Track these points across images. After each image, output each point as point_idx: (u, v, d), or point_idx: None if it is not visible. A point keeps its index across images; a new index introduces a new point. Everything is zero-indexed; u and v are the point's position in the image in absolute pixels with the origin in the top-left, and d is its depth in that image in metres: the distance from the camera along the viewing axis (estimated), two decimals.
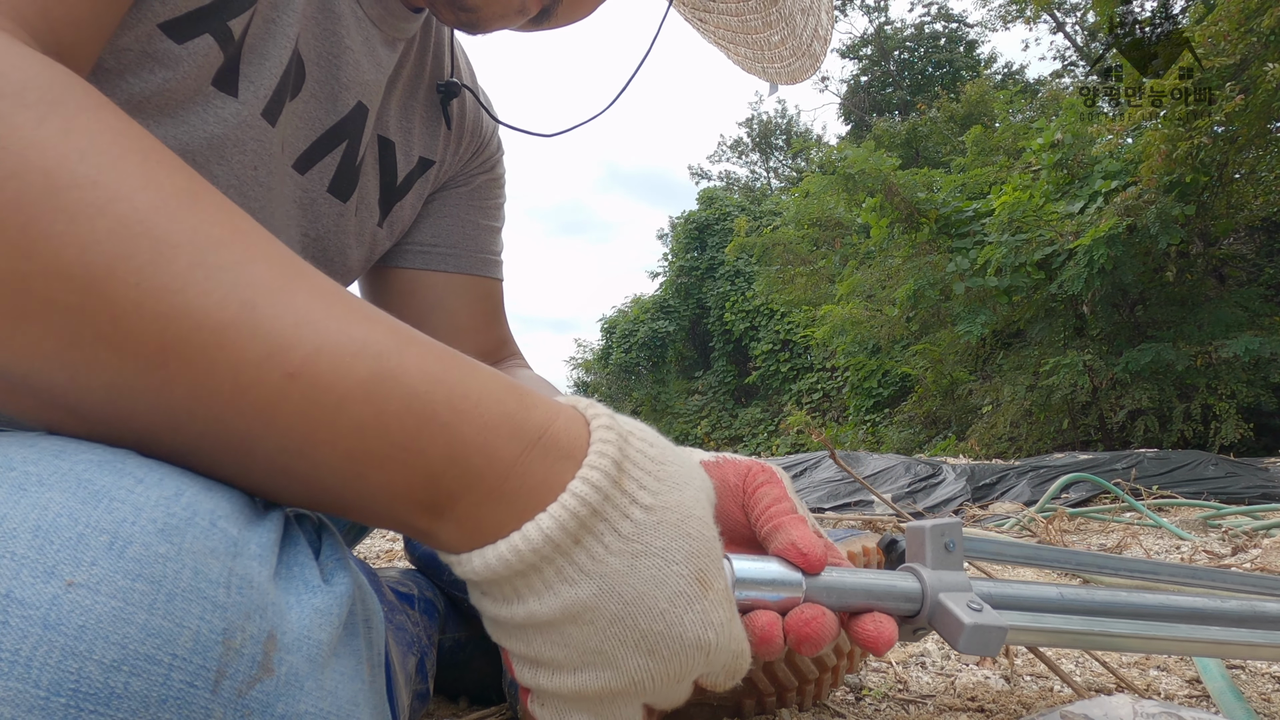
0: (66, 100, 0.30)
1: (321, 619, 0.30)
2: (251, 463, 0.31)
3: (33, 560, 0.24)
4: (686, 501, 0.36)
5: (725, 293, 18.54)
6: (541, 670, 0.35)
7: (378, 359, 0.31)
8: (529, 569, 0.33)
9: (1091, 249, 7.11)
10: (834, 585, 0.43)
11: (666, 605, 0.34)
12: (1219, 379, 7.30)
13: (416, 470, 0.31)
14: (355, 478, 0.31)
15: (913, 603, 0.44)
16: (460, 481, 0.32)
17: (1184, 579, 0.60)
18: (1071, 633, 0.47)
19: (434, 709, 0.77)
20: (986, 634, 0.42)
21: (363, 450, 0.30)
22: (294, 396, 0.29)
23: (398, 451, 0.31)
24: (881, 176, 8.89)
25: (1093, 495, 2.74)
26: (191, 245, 0.29)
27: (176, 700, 0.25)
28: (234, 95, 0.51)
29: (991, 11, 22.78)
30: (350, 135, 0.62)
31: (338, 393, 0.30)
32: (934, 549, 0.46)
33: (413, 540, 0.83)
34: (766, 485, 0.47)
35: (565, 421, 0.35)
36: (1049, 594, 0.48)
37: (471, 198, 0.81)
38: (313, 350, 0.30)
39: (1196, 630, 0.50)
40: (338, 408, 0.30)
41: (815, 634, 0.41)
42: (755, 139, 26.84)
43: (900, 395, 12.22)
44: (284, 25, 0.53)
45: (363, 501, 0.32)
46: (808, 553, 0.42)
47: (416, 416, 0.31)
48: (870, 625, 0.43)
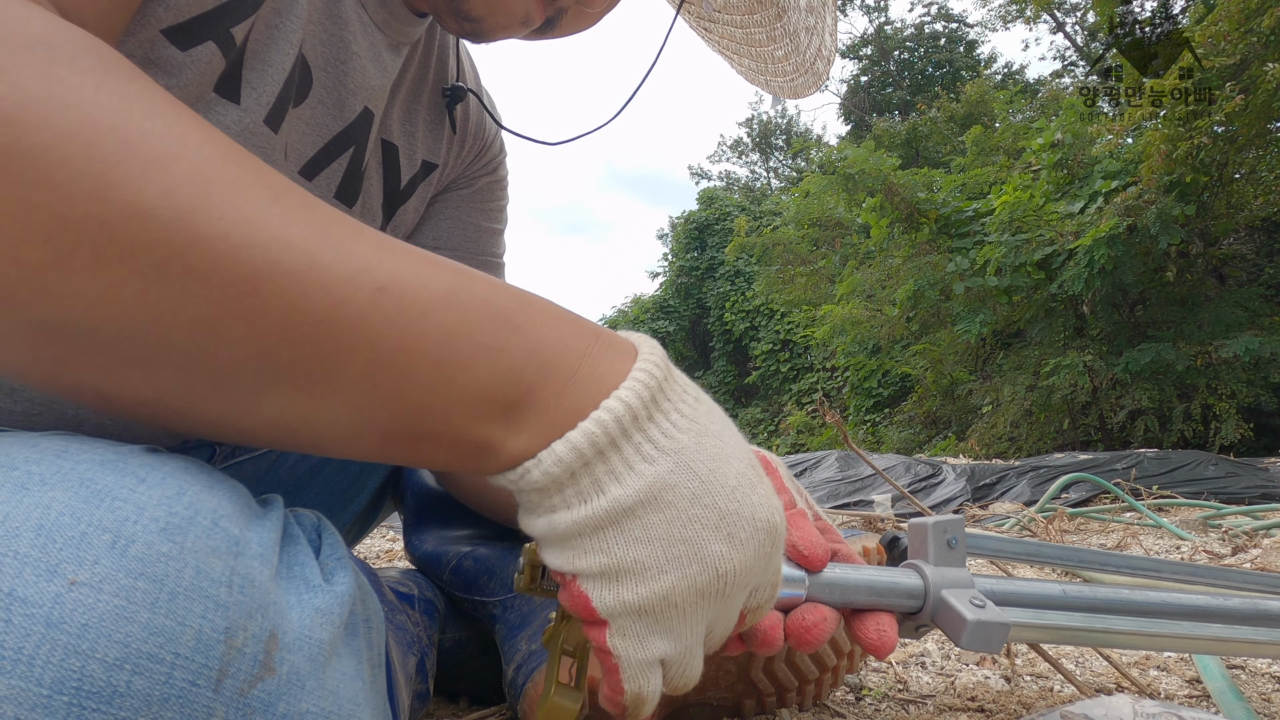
0: (118, 68, 0.31)
1: (322, 618, 0.30)
2: (338, 385, 0.31)
3: (36, 559, 0.24)
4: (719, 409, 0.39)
5: (725, 293, 18.54)
6: (624, 582, 0.34)
7: (451, 274, 0.34)
8: (610, 446, 0.34)
9: (1091, 249, 7.11)
10: (836, 582, 0.43)
11: (735, 482, 0.36)
12: (1219, 379, 7.29)
13: (499, 366, 0.33)
14: (443, 383, 0.32)
15: (915, 599, 0.44)
16: (540, 372, 0.34)
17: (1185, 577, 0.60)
18: (1074, 629, 0.47)
19: (434, 709, 0.77)
20: (989, 630, 0.42)
21: (449, 352, 0.32)
22: (384, 307, 0.31)
23: (481, 350, 0.33)
24: (881, 176, 8.89)
25: (1093, 495, 2.74)
26: (262, 188, 0.31)
27: (179, 699, 0.25)
28: (236, 102, 0.51)
29: (991, 11, 22.79)
30: (357, 141, 0.62)
31: (424, 301, 0.32)
32: (936, 546, 0.46)
33: (413, 540, 0.84)
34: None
35: (611, 332, 0.39)
36: (1051, 591, 0.48)
37: (474, 200, 0.81)
38: (394, 269, 0.32)
39: (1198, 628, 0.50)
40: (425, 314, 0.32)
41: (815, 638, 0.41)
42: (755, 139, 26.84)
43: (900, 395, 12.22)
44: (287, 31, 0.53)
45: (445, 412, 0.33)
46: (808, 553, 0.42)
47: (494, 319, 0.34)
48: (873, 630, 0.43)
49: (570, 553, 0.35)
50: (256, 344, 0.30)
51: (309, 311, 0.30)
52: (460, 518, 0.81)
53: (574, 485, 0.34)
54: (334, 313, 0.30)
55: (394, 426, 0.33)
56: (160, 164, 0.28)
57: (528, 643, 0.67)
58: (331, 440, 0.33)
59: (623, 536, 0.34)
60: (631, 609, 0.35)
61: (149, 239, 0.28)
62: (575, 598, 0.35)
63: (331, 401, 0.32)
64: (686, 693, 0.67)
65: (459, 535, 0.80)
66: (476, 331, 0.33)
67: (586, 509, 0.34)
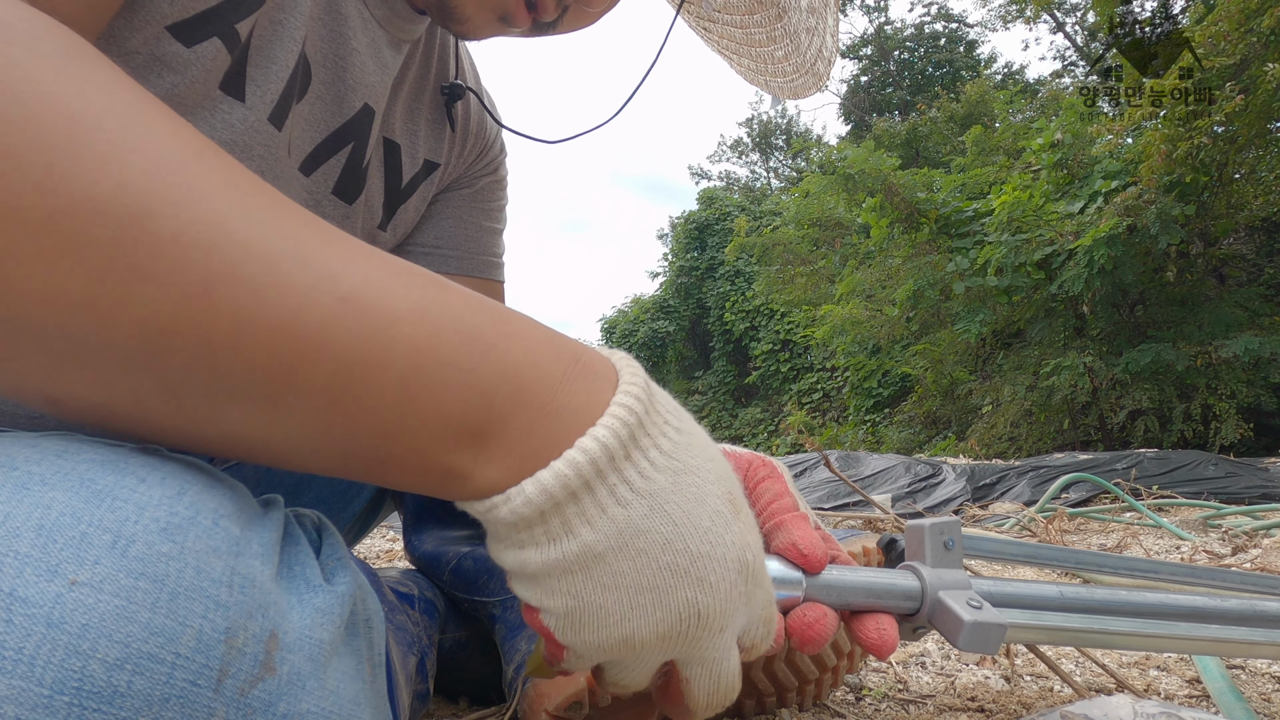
0: (80, 55, 0.29)
1: (323, 618, 0.30)
2: (295, 400, 0.29)
3: (36, 559, 0.24)
4: (703, 434, 0.38)
5: (725, 293, 18.53)
6: (587, 625, 0.34)
7: (423, 287, 0.32)
8: (583, 488, 0.32)
9: (1091, 249, 7.11)
10: (834, 584, 0.43)
11: (709, 523, 0.34)
12: (1219, 379, 7.29)
13: (470, 389, 0.31)
14: (407, 404, 0.30)
15: (913, 601, 0.44)
16: (513, 400, 0.32)
17: (1183, 578, 0.60)
18: (1071, 630, 0.47)
19: (434, 709, 0.77)
20: (986, 631, 0.42)
21: (416, 371, 0.30)
22: (347, 319, 0.29)
23: (450, 371, 0.31)
24: (881, 176, 8.89)
25: (1093, 495, 2.74)
26: (226, 188, 0.29)
27: (179, 699, 0.25)
28: (240, 100, 0.51)
29: (991, 11, 22.79)
30: (356, 137, 0.62)
31: (390, 314, 0.30)
32: (933, 547, 0.46)
33: (413, 540, 0.84)
34: (768, 480, 0.47)
35: (592, 351, 0.37)
36: (1048, 592, 0.48)
37: (474, 200, 0.81)
38: (361, 280, 0.30)
39: (1195, 629, 0.50)
40: (390, 327, 0.30)
41: (816, 635, 0.41)
42: (755, 139, 26.83)
43: (900, 395, 12.21)
44: (290, 28, 0.53)
45: (409, 436, 0.31)
46: (808, 553, 0.42)
47: (466, 337, 0.32)
48: (873, 630, 0.43)
49: (538, 590, 0.34)
50: (207, 353, 0.28)
51: (264, 320, 0.28)
52: (460, 518, 0.80)
53: (543, 525, 0.32)
54: (291, 323, 0.28)
55: (354, 447, 0.31)
56: (116, 157, 0.27)
57: (527, 643, 0.67)
58: (290, 456, 0.31)
59: (590, 582, 0.33)
60: (591, 646, 0.34)
61: (98, 235, 0.26)
62: (539, 626, 0.34)
63: (289, 417, 0.30)
64: None
65: (459, 535, 0.80)
66: (446, 350, 0.31)
67: (555, 551, 0.32)
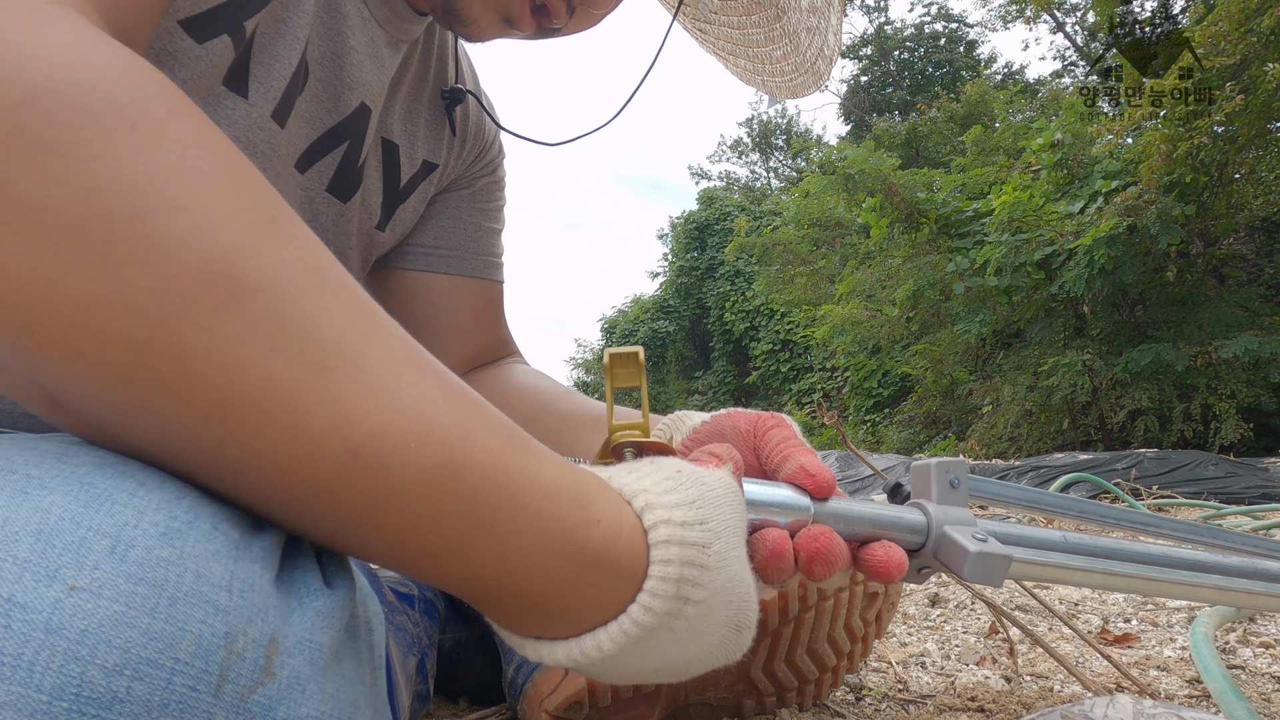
0: (158, 105, 0.28)
1: (323, 622, 0.30)
2: (298, 525, 0.30)
3: (34, 564, 0.24)
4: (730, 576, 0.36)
5: (725, 293, 18.53)
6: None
7: (443, 447, 0.29)
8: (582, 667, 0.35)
9: (1092, 249, 7.10)
10: (841, 513, 0.43)
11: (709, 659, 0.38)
12: (1219, 379, 7.29)
13: (467, 571, 0.31)
14: (403, 562, 0.31)
15: (918, 534, 0.44)
16: (508, 590, 0.32)
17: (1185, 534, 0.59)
18: (1074, 569, 0.46)
19: (434, 709, 0.77)
20: (991, 562, 0.42)
21: (414, 541, 0.30)
22: (352, 475, 0.28)
23: (448, 552, 0.30)
24: (881, 176, 8.88)
25: (1093, 495, 2.75)
26: (270, 290, 0.27)
27: (179, 704, 0.25)
28: (244, 96, 0.51)
29: (991, 11, 22.78)
30: (352, 136, 0.62)
31: (398, 480, 0.29)
32: (939, 485, 0.46)
33: None
34: (777, 428, 0.48)
35: (626, 542, 0.34)
36: (1053, 536, 0.47)
37: (473, 200, 0.81)
38: (379, 426, 0.28)
39: (1197, 577, 0.50)
40: (396, 495, 0.29)
41: (824, 548, 0.40)
42: (755, 139, 26.83)
43: (900, 395, 12.21)
44: (294, 26, 0.53)
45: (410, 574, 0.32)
46: (816, 474, 0.42)
47: (473, 523, 0.30)
48: (880, 551, 0.43)
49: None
50: (215, 470, 0.28)
51: (273, 459, 0.27)
52: None
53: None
54: (298, 468, 0.27)
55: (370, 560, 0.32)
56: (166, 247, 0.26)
57: None
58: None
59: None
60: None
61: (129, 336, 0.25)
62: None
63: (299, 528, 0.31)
64: (686, 692, 0.67)
65: None
66: (448, 531, 0.30)
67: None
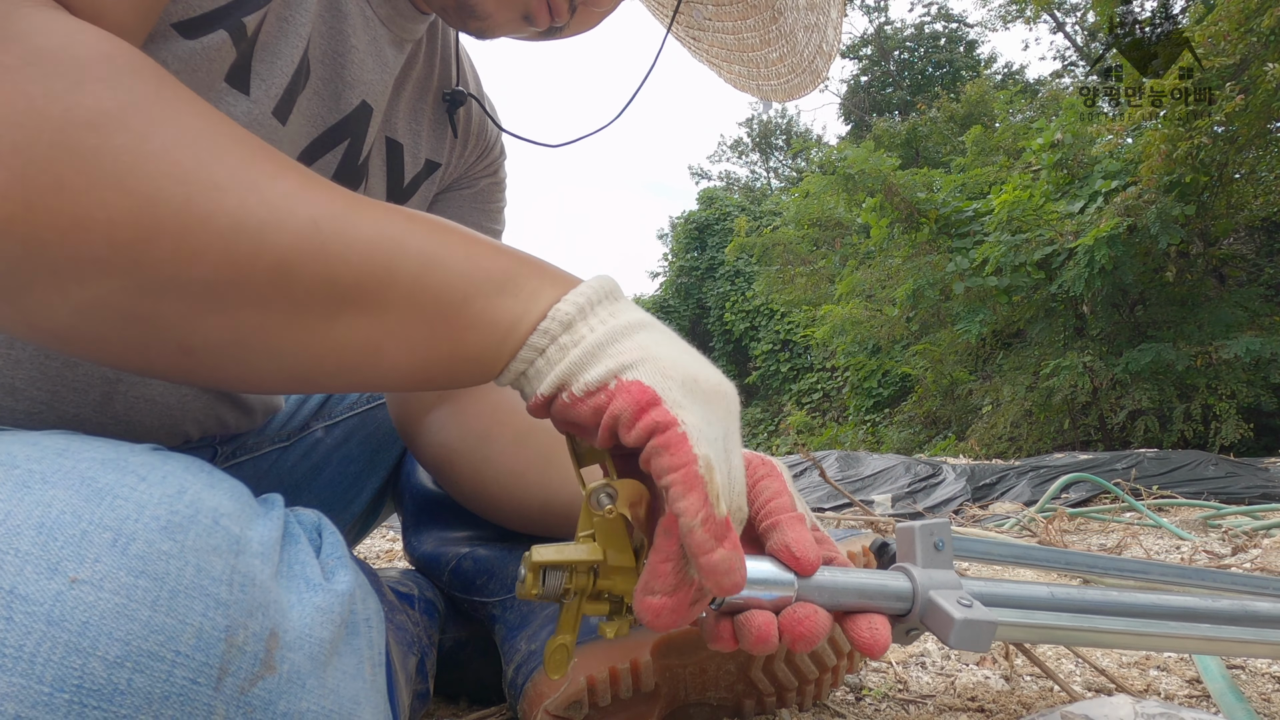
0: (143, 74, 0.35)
1: (323, 617, 0.30)
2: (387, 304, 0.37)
3: (37, 557, 0.24)
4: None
5: (725, 293, 18.53)
6: (664, 366, 0.40)
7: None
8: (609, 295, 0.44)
9: (1092, 249, 7.10)
10: (826, 585, 0.43)
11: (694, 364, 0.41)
12: (1219, 379, 7.29)
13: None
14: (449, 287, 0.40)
15: (904, 601, 0.45)
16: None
17: (1175, 579, 0.60)
18: (1062, 629, 0.47)
19: (434, 709, 0.77)
20: (976, 629, 0.42)
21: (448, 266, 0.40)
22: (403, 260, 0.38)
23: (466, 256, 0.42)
24: (881, 176, 8.88)
25: (1093, 495, 2.74)
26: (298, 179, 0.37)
27: (179, 697, 0.25)
28: (245, 93, 0.52)
29: (991, 11, 22.81)
30: (353, 134, 0.63)
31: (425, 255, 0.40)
32: (924, 548, 0.47)
33: (412, 540, 0.84)
34: (767, 479, 0.47)
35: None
36: (1039, 593, 0.48)
37: (475, 200, 0.81)
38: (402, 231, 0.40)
39: (1188, 628, 0.50)
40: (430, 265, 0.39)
41: (808, 632, 0.41)
42: (755, 139, 26.83)
43: (900, 395, 12.21)
44: (297, 24, 0.54)
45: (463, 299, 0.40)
46: (800, 556, 0.43)
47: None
48: (865, 629, 0.44)
49: (607, 359, 0.40)
50: (324, 276, 0.34)
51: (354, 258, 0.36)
52: (459, 519, 0.81)
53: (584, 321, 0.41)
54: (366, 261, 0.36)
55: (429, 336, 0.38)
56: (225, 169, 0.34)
57: (528, 643, 0.67)
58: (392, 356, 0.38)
59: (647, 336, 0.41)
60: (675, 385, 0.39)
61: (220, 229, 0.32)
62: (626, 389, 0.39)
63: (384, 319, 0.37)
64: (686, 693, 0.67)
65: (458, 536, 0.80)
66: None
67: (609, 324, 0.41)
